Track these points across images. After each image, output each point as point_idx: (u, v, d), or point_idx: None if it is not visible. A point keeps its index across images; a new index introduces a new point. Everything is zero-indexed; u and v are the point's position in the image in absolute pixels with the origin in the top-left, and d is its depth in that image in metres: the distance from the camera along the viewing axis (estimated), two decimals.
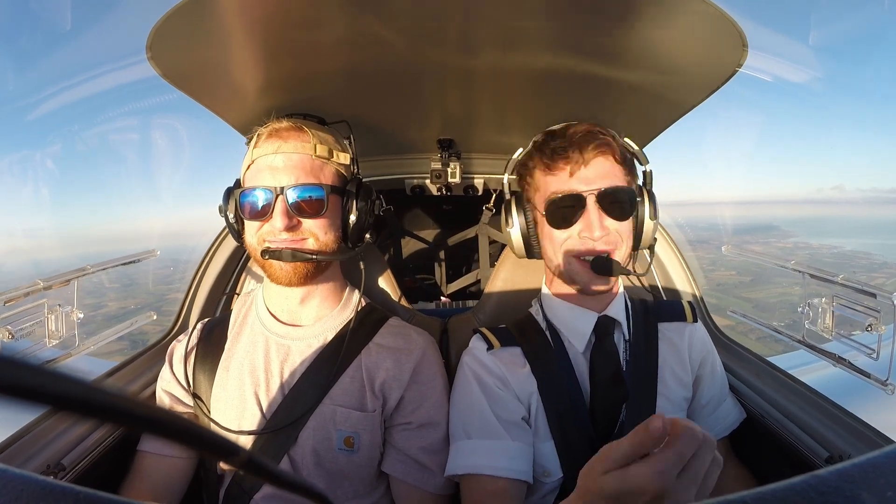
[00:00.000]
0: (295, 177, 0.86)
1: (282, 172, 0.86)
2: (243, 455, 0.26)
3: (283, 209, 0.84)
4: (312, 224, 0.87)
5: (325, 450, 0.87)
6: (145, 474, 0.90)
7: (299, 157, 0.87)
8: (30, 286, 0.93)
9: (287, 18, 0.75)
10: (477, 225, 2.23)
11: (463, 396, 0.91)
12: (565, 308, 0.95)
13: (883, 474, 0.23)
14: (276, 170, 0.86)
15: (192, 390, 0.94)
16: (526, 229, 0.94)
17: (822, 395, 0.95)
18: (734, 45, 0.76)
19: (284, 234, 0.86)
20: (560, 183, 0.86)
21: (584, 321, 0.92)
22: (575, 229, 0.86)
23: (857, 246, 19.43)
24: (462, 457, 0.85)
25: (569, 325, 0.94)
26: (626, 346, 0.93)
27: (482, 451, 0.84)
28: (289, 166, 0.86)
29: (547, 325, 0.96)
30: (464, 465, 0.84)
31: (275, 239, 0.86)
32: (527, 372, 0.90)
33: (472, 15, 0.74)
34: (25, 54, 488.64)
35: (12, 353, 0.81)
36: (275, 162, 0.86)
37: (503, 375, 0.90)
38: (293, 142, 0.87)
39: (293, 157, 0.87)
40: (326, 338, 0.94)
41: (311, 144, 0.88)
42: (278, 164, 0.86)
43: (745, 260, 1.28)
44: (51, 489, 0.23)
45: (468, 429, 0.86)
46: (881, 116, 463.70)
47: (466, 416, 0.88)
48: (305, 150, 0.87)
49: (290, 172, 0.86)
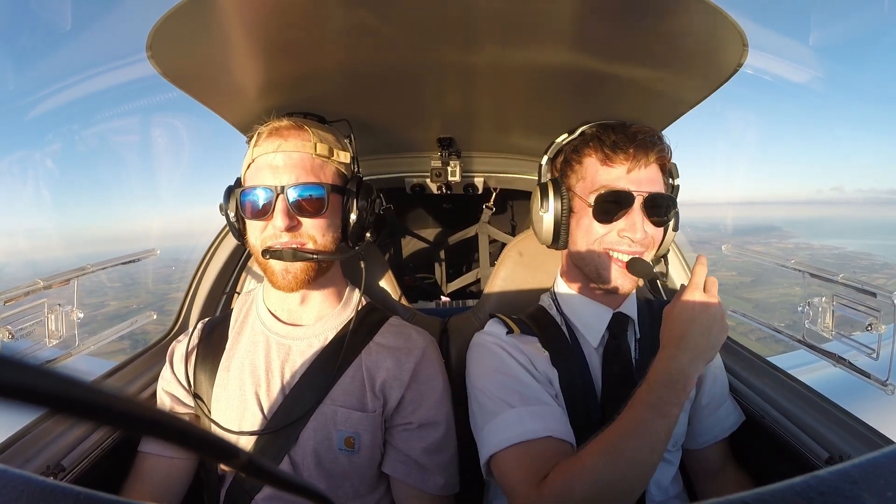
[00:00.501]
0: (295, 176, 0.85)
1: (282, 171, 0.85)
2: (243, 457, 0.26)
3: (283, 208, 0.84)
4: (313, 224, 0.87)
5: (326, 450, 0.87)
6: (146, 476, 0.90)
7: (300, 156, 0.86)
8: (30, 285, 0.93)
9: (286, 17, 0.75)
10: (477, 224, 2.23)
11: (492, 370, 0.87)
12: (581, 303, 0.95)
13: (883, 474, 0.23)
14: (276, 168, 0.85)
15: (192, 390, 0.94)
16: (560, 216, 0.90)
17: (822, 395, 0.95)
18: (734, 44, 0.76)
19: (286, 237, 0.85)
20: (615, 177, 0.85)
21: (599, 317, 0.92)
22: (616, 226, 0.86)
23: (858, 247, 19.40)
24: (508, 427, 0.78)
25: (583, 321, 0.94)
26: (637, 345, 0.93)
27: (534, 416, 0.79)
28: (289, 165, 0.86)
29: (562, 319, 0.96)
30: (514, 434, 0.77)
31: (276, 239, 0.86)
32: (547, 359, 0.89)
33: (473, 12, 0.74)
34: (26, 54, 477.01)
35: (11, 353, 0.81)
36: (275, 161, 0.86)
37: (528, 359, 0.88)
38: (294, 140, 0.87)
39: (293, 155, 0.86)
40: (327, 337, 0.94)
41: (311, 143, 0.87)
42: (279, 162, 0.86)
43: (745, 260, 1.28)
44: (51, 490, 0.23)
45: (510, 399, 0.81)
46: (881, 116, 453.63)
47: (502, 388, 0.83)
48: (306, 148, 0.87)
49: (290, 171, 0.85)
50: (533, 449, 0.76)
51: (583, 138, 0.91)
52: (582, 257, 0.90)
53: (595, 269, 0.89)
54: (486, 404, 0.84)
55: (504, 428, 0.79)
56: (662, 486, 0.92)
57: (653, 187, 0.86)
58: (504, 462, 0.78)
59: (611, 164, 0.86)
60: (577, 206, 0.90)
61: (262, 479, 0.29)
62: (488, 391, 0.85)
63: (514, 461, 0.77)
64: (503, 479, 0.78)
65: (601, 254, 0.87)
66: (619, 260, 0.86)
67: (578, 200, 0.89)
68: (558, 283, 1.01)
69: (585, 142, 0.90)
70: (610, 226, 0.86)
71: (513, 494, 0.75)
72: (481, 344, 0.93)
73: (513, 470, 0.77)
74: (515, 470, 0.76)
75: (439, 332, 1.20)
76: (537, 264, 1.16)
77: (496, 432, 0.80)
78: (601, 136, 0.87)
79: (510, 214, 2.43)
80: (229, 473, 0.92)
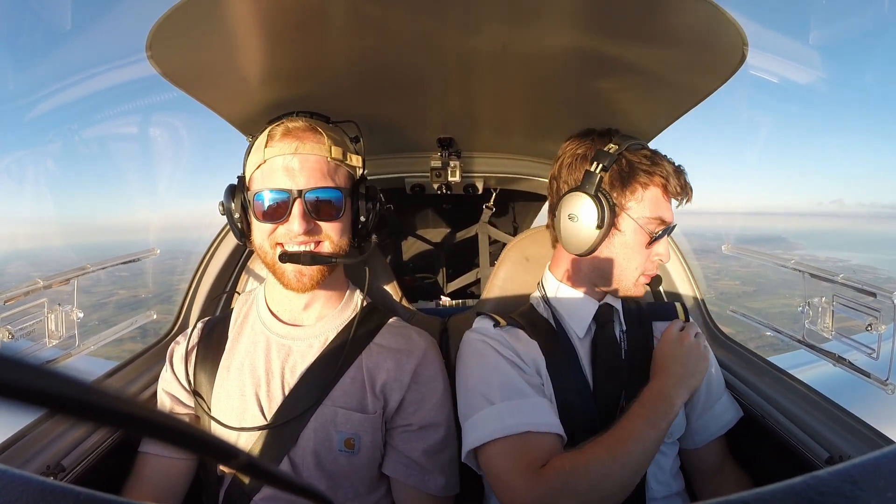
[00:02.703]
0: (314, 179, 0.84)
1: (299, 174, 0.84)
2: (244, 458, 0.26)
3: (301, 211, 0.83)
4: (329, 227, 0.87)
5: (326, 451, 0.87)
6: (146, 476, 0.90)
7: (316, 159, 0.86)
8: (29, 285, 0.93)
9: (285, 17, 0.75)
10: (477, 224, 2.23)
11: (476, 367, 0.89)
12: (569, 293, 0.99)
13: (883, 474, 0.23)
14: (292, 171, 0.84)
15: (192, 390, 0.94)
16: (604, 234, 0.90)
17: (822, 395, 0.95)
18: (734, 44, 0.76)
19: (301, 238, 0.85)
20: (668, 210, 0.93)
21: (585, 307, 0.96)
22: (655, 250, 0.93)
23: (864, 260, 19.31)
24: (488, 423, 0.81)
25: (570, 311, 0.97)
26: (623, 336, 0.97)
27: (511, 411, 0.81)
28: (306, 168, 0.85)
29: (550, 311, 0.98)
30: (493, 429, 0.80)
31: (291, 242, 0.86)
32: (535, 346, 0.92)
33: (473, 11, 0.74)
34: (26, 53, 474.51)
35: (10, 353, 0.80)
36: (291, 163, 0.85)
37: (514, 349, 0.91)
38: (310, 143, 0.86)
39: (310, 158, 0.85)
40: (327, 338, 0.94)
41: (326, 146, 0.87)
42: (295, 165, 0.84)
43: (749, 271, 1.30)
44: (51, 490, 0.23)
45: (490, 395, 0.84)
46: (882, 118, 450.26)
47: (484, 383, 0.86)
48: (322, 151, 0.86)
49: (307, 174, 0.84)
50: (515, 443, 0.79)
51: (651, 163, 0.91)
52: (610, 269, 0.94)
53: (621, 283, 0.94)
54: (468, 400, 0.87)
55: (483, 424, 0.82)
56: (661, 479, 0.92)
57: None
58: (489, 455, 0.81)
59: (668, 198, 0.93)
60: (627, 227, 0.91)
61: (262, 479, 0.29)
62: (470, 388, 0.87)
63: (498, 454, 0.80)
64: (491, 471, 0.81)
65: (634, 272, 0.93)
66: (648, 276, 0.95)
67: (632, 223, 0.91)
68: (548, 280, 1.03)
69: (656, 170, 0.90)
70: (650, 250, 0.93)
71: (504, 483, 0.78)
72: (467, 342, 0.95)
73: (500, 461, 0.80)
74: (503, 461, 0.79)
75: (439, 332, 1.20)
76: (537, 264, 1.16)
77: (476, 427, 0.83)
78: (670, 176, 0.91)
79: (512, 216, 2.44)
80: (228, 474, 0.91)
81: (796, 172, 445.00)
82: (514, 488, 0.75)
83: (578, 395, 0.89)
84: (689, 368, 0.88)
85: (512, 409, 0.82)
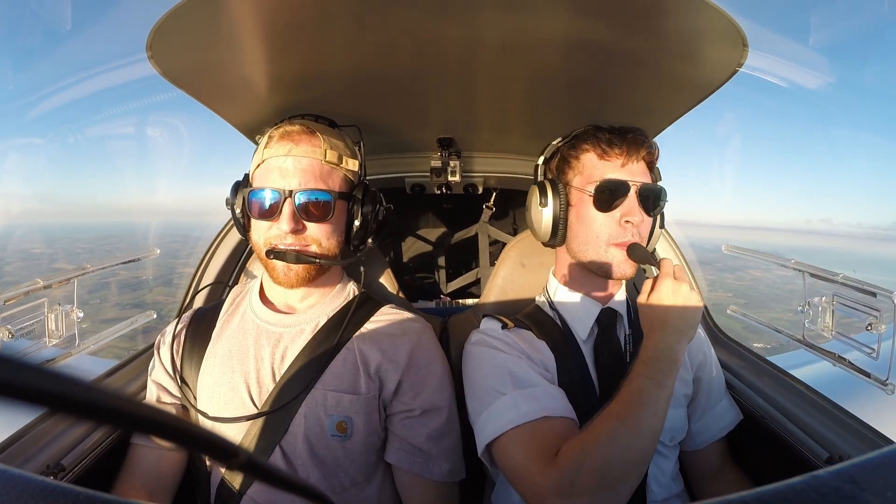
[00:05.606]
0: (304, 181, 0.87)
1: (291, 175, 0.87)
2: (242, 456, 0.26)
3: (290, 212, 0.86)
4: (317, 228, 0.89)
5: (318, 437, 0.86)
6: (136, 466, 0.90)
7: (309, 162, 0.88)
8: (29, 285, 0.93)
9: (286, 19, 0.75)
10: (477, 224, 2.23)
11: (485, 364, 0.89)
12: (572, 296, 0.99)
13: (883, 474, 0.23)
14: (285, 172, 0.87)
15: (179, 376, 0.94)
16: (559, 211, 0.95)
17: (822, 395, 0.95)
18: (734, 44, 0.76)
19: (290, 239, 0.87)
20: (613, 170, 0.92)
21: (588, 311, 0.96)
22: (615, 214, 0.91)
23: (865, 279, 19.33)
24: (503, 413, 0.80)
25: (573, 314, 0.97)
26: (627, 339, 0.96)
27: (527, 398, 0.80)
28: (298, 170, 0.87)
29: (555, 314, 0.99)
30: (510, 418, 0.79)
31: (280, 242, 0.88)
32: (543, 346, 0.92)
33: (474, 12, 0.74)
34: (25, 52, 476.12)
35: (10, 353, 0.80)
36: (285, 164, 0.88)
37: (522, 349, 0.90)
38: (304, 146, 0.88)
39: (303, 160, 0.88)
40: (318, 323, 0.94)
41: (321, 150, 0.89)
42: (288, 166, 0.88)
43: (742, 284, 1.30)
44: (51, 490, 0.23)
45: (502, 387, 0.83)
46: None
47: (495, 378, 0.85)
48: (316, 154, 0.89)
49: (299, 176, 0.87)
50: (532, 430, 0.77)
51: (579, 137, 0.96)
52: (584, 249, 0.93)
53: (597, 258, 0.92)
54: (480, 396, 0.86)
55: (498, 415, 0.81)
56: (662, 482, 0.92)
57: (645, 179, 0.93)
58: (504, 446, 0.79)
59: (607, 158, 0.92)
60: (576, 199, 0.94)
61: (257, 477, 0.29)
62: (481, 384, 0.87)
63: (514, 444, 0.78)
64: (507, 463, 0.79)
65: (603, 243, 0.91)
66: (621, 244, 0.90)
67: (577, 193, 0.94)
68: (551, 282, 1.04)
69: (582, 139, 0.95)
70: (609, 214, 0.91)
71: (520, 475, 0.76)
72: (475, 342, 0.95)
73: (516, 451, 0.77)
74: (519, 451, 0.77)
75: (439, 332, 1.20)
76: (537, 264, 1.16)
77: (491, 420, 0.81)
78: (597, 134, 0.93)
79: (511, 216, 2.43)
80: (218, 468, 0.91)
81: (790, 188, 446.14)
82: (533, 482, 0.73)
83: (585, 395, 0.89)
84: (689, 319, 0.81)
85: (527, 397, 0.81)
